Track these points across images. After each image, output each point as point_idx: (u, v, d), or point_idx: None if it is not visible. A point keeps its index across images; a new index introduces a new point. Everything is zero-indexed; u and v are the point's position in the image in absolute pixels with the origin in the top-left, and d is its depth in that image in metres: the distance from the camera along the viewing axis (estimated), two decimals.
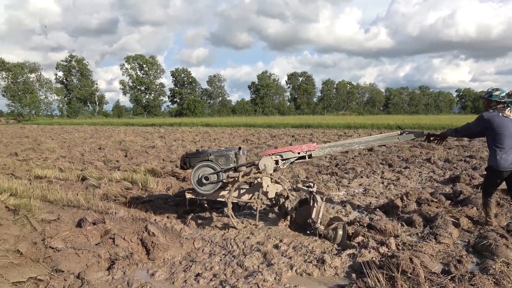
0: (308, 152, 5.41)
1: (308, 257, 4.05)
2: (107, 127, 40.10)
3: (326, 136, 21.58)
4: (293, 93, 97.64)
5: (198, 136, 23.00)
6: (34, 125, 51.84)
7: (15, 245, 4.38)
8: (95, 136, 24.55)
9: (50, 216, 5.81)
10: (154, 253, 4.31)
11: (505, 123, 4.53)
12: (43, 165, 11.05)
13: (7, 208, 6.27)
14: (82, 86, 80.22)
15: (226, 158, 5.40)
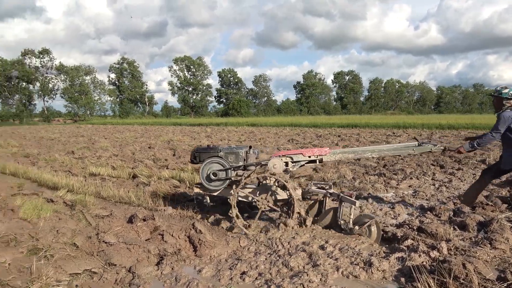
0: (319, 157, 5.32)
1: (354, 259, 3.98)
2: (156, 127, 41.35)
3: (373, 136, 21.08)
4: (340, 93, 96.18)
5: (243, 136, 23.20)
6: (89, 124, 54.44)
7: (72, 238, 4.62)
8: (145, 136, 25.39)
9: (103, 212, 6.08)
10: (201, 250, 4.39)
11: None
12: (97, 163, 11.57)
13: (65, 203, 6.63)
14: (133, 88, 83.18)
15: (236, 156, 5.40)
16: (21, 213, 5.48)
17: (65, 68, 75.33)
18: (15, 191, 7.52)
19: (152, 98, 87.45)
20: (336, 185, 7.80)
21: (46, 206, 5.98)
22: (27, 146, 18.55)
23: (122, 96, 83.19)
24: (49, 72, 75.22)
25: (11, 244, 4.36)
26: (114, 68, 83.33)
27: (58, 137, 25.81)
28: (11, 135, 28.73)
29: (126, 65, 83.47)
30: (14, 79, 70.51)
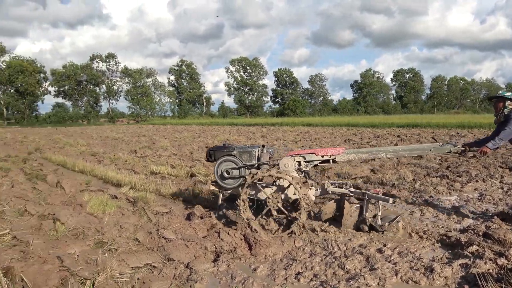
0: (332, 156, 5.28)
1: (415, 264, 3.82)
2: (213, 127, 42.25)
3: (435, 136, 20.15)
4: (399, 91, 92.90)
5: (299, 136, 23.09)
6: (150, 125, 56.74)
7: (134, 233, 4.84)
8: (202, 136, 26.03)
9: (163, 209, 6.31)
10: (256, 249, 4.43)
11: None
12: (157, 162, 12.03)
13: (128, 200, 6.96)
14: (191, 89, 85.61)
15: (249, 154, 5.43)
16: (89, 208, 5.82)
17: (129, 71, 79.16)
18: (83, 187, 8.00)
19: (209, 99, 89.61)
20: (395, 186, 7.55)
21: (111, 202, 6.31)
22: (93, 145, 19.68)
23: (181, 97, 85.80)
24: (114, 75, 79.53)
25: (79, 237, 4.65)
26: (174, 70, 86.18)
27: (121, 136, 27.14)
28: (80, 135, 30.59)
29: (184, 67, 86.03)
30: (83, 82, 75.22)
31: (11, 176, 9.15)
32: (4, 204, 5.77)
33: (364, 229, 4.86)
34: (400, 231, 4.55)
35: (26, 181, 8.72)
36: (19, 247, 4.06)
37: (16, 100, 66.95)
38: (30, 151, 16.84)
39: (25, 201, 6.11)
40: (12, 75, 64.60)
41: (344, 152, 5.27)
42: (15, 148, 19.05)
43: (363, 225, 4.86)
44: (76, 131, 38.23)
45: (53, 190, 7.47)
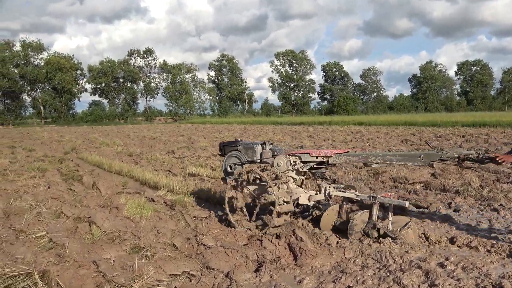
0: (325, 158, 5.44)
1: (481, 281, 3.66)
2: (255, 126, 42.49)
3: (506, 136, 19.22)
4: (464, 86, 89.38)
5: (349, 136, 22.76)
6: (188, 124, 57.92)
7: (171, 239, 4.95)
8: (244, 135, 26.21)
9: (202, 214, 6.41)
10: (301, 259, 4.40)
11: None
12: (196, 163, 12.25)
13: (165, 203, 7.13)
14: (232, 85, 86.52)
15: (252, 151, 5.86)
16: (125, 211, 6.02)
17: (167, 67, 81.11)
18: (119, 189, 8.27)
19: (252, 96, 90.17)
20: (459, 193, 7.27)
21: (148, 205, 6.49)
22: (130, 145, 20.33)
23: (221, 94, 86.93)
24: (152, 71, 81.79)
25: (115, 241, 4.82)
26: (214, 65, 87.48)
27: (159, 136, 27.86)
28: (117, 134, 31.69)
29: (225, 62, 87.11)
30: (120, 79, 77.96)
31: (48, 177, 9.63)
32: (41, 206, 6.07)
33: (373, 235, 4.92)
34: (411, 237, 4.73)
35: (62, 182, 9.15)
36: (55, 250, 4.26)
37: (53, 98, 70.52)
38: (67, 151, 17.65)
39: (61, 203, 6.40)
40: (50, 73, 68.13)
41: (337, 154, 5.41)
42: (52, 148, 20.04)
43: (372, 231, 4.93)
44: (112, 130, 39.63)
45: (89, 191, 7.78)
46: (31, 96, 72.37)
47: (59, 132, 37.41)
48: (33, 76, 67.69)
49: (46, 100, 70.22)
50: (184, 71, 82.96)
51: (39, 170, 10.84)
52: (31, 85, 70.49)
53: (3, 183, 8.31)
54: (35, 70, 68.30)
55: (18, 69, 68.39)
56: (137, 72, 78.92)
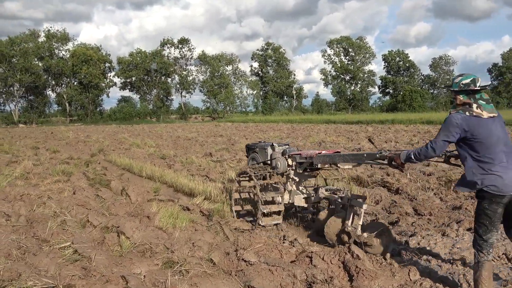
0: (310, 159, 6.18)
1: None
2: (305, 125, 42.31)
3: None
4: None
5: (416, 137, 22.24)
6: (228, 122, 58.47)
7: (208, 253, 5.01)
8: (291, 136, 26.19)
9: (243, 225, 6.46)
10: (358, 280, 4.35)
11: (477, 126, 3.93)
12: (236, 167, 12.34)
13: (202, 212, 7.24)
14: (278, 78, 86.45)
15: (264, 152, 7.08)
16: (157, 221, 6.15)
17: (206, 58, 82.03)
18: (151, 196, 8.48)
19: (301, 90, 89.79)
20: None
21: (182, 215, 6.61)
22: (163, 147, 20.77)
23: (265, 89, 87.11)
24: (188, 63, 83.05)
25: (146, 254, 4.93)
26: (257, 55, 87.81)
27: (195, 136, 28.31)
28: (148, 134, 32.47)
29: (270, 52, 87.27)
30: (152, 72, 79.65)
31: (73, 181, 10.00)
32: (66, 213, 6.32)
33: (344, 239, 5.47)
34: (381, 245, 5.14)
35: (89, 187, 9.48)
36: (80, 263, 4.42)
37: (79, 93, 72.76)
38: (93, 152, 18.26)
39: (87, 210, 6.63)
40: (76, 65, 70.47)
41: (319, 155, 6.09)
42: (78, 149, 20.79)
43: (343, 235, 5.50)
44: (143, 130, 40.63)
45: (118, 198, 8.02)
46: (56, 91, 75.20)
47: (85, 131, 38.73)
48: (58, 69, 70.31)
49: (72, 96, 72.51)
50: (224, 62, 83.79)
51: (64, 174, 11.27)
52: (55, 79, 73.13)
53: (26, 188, 8.70)
54: (60, 62, 70.85)
55: (42, 62, 71.12)
56: (171, 64, 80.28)
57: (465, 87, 4.07)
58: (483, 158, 3.93)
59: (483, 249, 3.98)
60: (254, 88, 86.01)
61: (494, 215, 3.92)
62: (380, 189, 8.64)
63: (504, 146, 3.97)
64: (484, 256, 3.97)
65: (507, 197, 3.87)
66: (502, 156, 3.92)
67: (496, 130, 3.98)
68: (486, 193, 3.90)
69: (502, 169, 3.87)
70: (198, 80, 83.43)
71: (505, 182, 3.82)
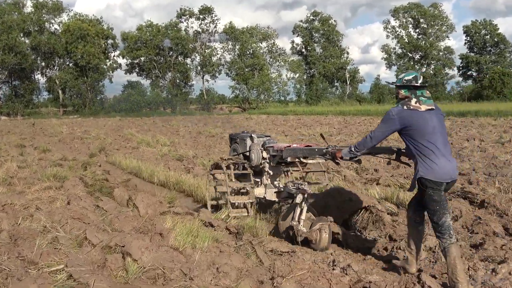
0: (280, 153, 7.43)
1: None
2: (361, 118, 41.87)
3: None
4: None
5: (507, 134, 21.75)
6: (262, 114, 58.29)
7: (237, 281, 5.01)
8: (344, 132, 25.99)
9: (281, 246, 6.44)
10: None
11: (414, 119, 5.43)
12: None
13: (228, 230, 7.25)
14: (327, 58, 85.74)
15: (243, 143, 8.47)
16: (172, 240, 6.18)
17: (234, 32, 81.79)
18: (164, 207, 8.53)
19: (356, 73, 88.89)
20: None
21: (204, 232, 6.62)
22: (180, 145, 20.91)
23: (311, 71, 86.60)
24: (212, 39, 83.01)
25: (158, 281, 4.96)
26: (300, 29, 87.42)
27: (220, 132, 28.33)
28: (161, 129, 32.76)
29: (317, 24, 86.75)
30: (166, 51, 79.93)
31: (67, 188, 10.12)
32: (58, 228, 6.40)
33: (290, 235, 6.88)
34: (323, 241, 6.49)
35: (87, 195, 9.57)
36: None
37: (75, 78, 73.30)
38: (93, 152, 18.53)
39: (85, 225, 6.71)
40: (70, 43, 71.12)
41: (287, 149, 7.32)
42: (73, 148, 21.15)
43: (290, 231, 6.83)
44: (155, 124, 40.99)
45: (123, 210, 8.09)
46: (46, 75, 76.08)
47: (82, 125, 39.31)
48: (48, 47, 71.25)
49: (66, 81, 73.07)
50: (257, 37, 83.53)
51: (56, 179, 11.42)
52: (46, 60, 74.05)
53: (9, 196, 8.78)
54: (51, 39, 71.79)
55: (30, 39, 72.13)
56: (190, 41, 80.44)
57: (407, 82, 5.60)
58: (422, 148, 5.37)
59: (444, 234, 5.27)
60: (296, 71, 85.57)
61: (440, 198, 5.34)
62: (459, 202, 8.48)
63: (441, 136, 5.43)
64: (447, 240, 5.23)
65: (444, 185, 5.33)
66: (440, 146, 5.36)
67: (432, 121, 5.43)
68: (427, 181, 5.31)
69: (438, 158, 5.30)
70: (225, 60, 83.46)
71: (441, 170, 5.27)
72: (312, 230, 6.47)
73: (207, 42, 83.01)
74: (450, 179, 5.37)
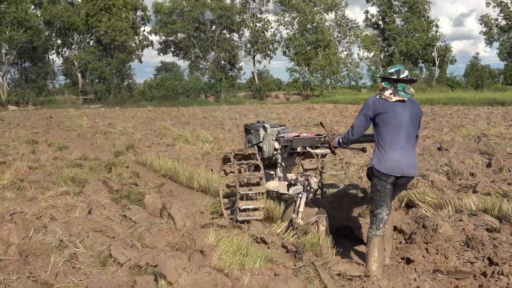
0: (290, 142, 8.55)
1: None
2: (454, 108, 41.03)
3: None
4: None
5: None
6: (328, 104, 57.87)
7: None
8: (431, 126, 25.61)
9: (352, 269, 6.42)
10: None
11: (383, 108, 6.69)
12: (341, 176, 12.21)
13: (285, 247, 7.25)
14: (410, 32, 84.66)
15: (257, 133, 9.51)
16: (215, 259, 6.20)
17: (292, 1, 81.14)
18: (206, 219, 8.59)
19: (447, 51, 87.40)
20: None
21: (254, 250, 6.63)
22: (226, 142, 20.93)
23: (389, 49, 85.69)
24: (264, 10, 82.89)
25: None
26: None
27: None
28: (203, 122, 32.88)
29: None
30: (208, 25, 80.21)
31: (88, 194, 10.26)
32: (77, 242, 6.50)
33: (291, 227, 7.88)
34: (320, 233, 7.52)
35: (111, 203, 9.66)
36: None
37: (97, 59, 74.17)
38: (119, 150, 18.75)
39: (109, 239, 6.80)
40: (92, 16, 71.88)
41: (296, 138, 8.42)
42: (95, 145, 21.46)
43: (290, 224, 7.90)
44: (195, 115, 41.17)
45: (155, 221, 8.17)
46: (63, 55, 77.07)
47: (106, 117, 39.82)
48: (65, 22, 71.97)
49: (87, 63, 73.88)
50: (321, 8, 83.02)
51: (75, 182, 11.60)
52: (62, 37, 74.89)
53: (19, 203, 8.85)
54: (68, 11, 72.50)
55: (41, 11, 73.04)
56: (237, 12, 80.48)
57: (389, 75, 6.87)
58: (383, 138, 6.65)
59: (373, 224, 6.71)
60: (370, 49, 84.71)
61: (383, 190, 6.66)
62: None
63: (406, 130, 6.64)
64: (373, 231, 6.67)
65: (392, 178, 6.60)
66: (401, 140, 6.60)
67: (401, 114, 6.65)
68: (376, 171, 6.67)
69: (394, 151, 6.56)
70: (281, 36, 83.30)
71: (392, 163, 6.53)
72: (309, 223, 7.64)
73: (258, 13, 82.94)
74: (401, 173, 6.59)
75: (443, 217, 8.23)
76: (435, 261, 7.07)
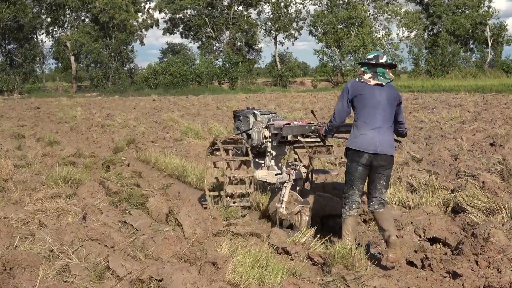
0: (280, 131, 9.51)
1: None
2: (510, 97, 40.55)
3: None
4: None
5: None
6: None
7: None
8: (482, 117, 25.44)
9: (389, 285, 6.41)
10: None
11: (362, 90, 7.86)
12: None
13: (311, 259, 7.27)
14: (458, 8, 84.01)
15: (246, 120, 10.43)
16: (229, 273, 6.20)
17: None
18: (219, 226, 8.60)
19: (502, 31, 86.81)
20: None
21: (275, 262, 6.63)
22: None
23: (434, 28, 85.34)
24: None
25: None
26: None
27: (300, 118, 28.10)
28: (215, 113, 32.89)
29: None
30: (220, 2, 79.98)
31: (82, 196, 10.27)
32: (69, 252, 6.51)
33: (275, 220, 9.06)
34: (302, 224, 8.54)
35: (109, 207, 9.69)
36: None
37: (93, 40, 74.03)
38: (118, 145, 18.80)
39: (106, 249, 6.82)
40: None
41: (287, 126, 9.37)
42: (90, 139, 21.54)
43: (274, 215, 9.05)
44: (207, 105, 41.20)
45: (160, 228, 8.18)
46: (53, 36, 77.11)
47: (104, 107, 39.93)
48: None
49: (81, 44, 73.77)
50: None
51: (67, 183, 11.59)
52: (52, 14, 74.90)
53: (3, 207, 8.79)
54: None
55: None
56: None
57: (367, 60, 8.01)
58: (360, 119, 7.74)
59: (345, 205, 7.90)
60: (412, 27, 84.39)
61: (354, 173, 7.77)
62: None
63: (383, 113, 7.71)
64: (346, 212, 7.87)
65: (366, 157, 7.59)
66: (377, 121, 7.65)
67: (379, 97, 7.73)
68: (350, 150, 7.74)
69: (368, 130, 7.59)
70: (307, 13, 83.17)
71: (365, 140, 7.53)
72: (293, 213, 8.67)
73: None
74: (374, 150, 7.54)
75: (496, 224, 8.17)
76: (486, 276, 6.97)
